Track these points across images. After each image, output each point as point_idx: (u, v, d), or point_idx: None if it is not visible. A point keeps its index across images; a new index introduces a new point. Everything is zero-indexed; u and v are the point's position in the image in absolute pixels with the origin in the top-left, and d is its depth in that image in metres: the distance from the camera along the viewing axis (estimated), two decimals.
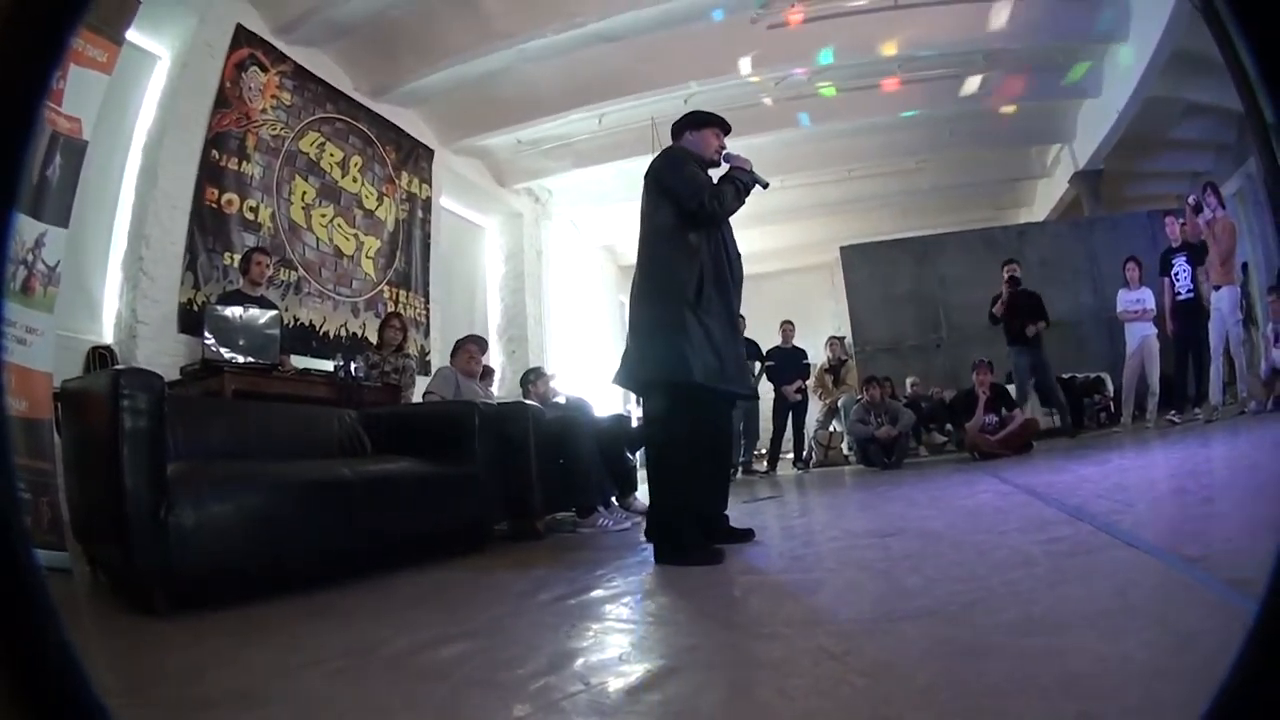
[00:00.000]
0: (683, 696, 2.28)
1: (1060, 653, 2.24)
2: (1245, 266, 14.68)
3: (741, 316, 5.69)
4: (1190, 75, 13.83)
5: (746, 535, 5.38)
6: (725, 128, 5.65)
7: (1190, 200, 11.75)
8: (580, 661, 2.73)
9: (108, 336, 8.56)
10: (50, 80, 1.07)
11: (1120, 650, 2.19)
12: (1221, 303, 10.98)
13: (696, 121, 5.67)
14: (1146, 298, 12.43)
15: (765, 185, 5.51)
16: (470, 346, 8.62)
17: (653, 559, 5.02)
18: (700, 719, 2.11)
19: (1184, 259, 11.90)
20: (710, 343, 5.04)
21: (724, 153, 5.60)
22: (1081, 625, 2.50)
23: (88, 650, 1.05)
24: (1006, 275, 13.24)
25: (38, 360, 5.58)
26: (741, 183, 5.33)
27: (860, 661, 2.39)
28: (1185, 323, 11.80)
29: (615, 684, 2.41)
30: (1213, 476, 6.34)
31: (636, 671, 2.54)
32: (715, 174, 5.50)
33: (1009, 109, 15.63)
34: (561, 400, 9.22)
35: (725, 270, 5.23)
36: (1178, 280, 11.91)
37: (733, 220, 5.51)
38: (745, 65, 13.33)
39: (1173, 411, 11.73)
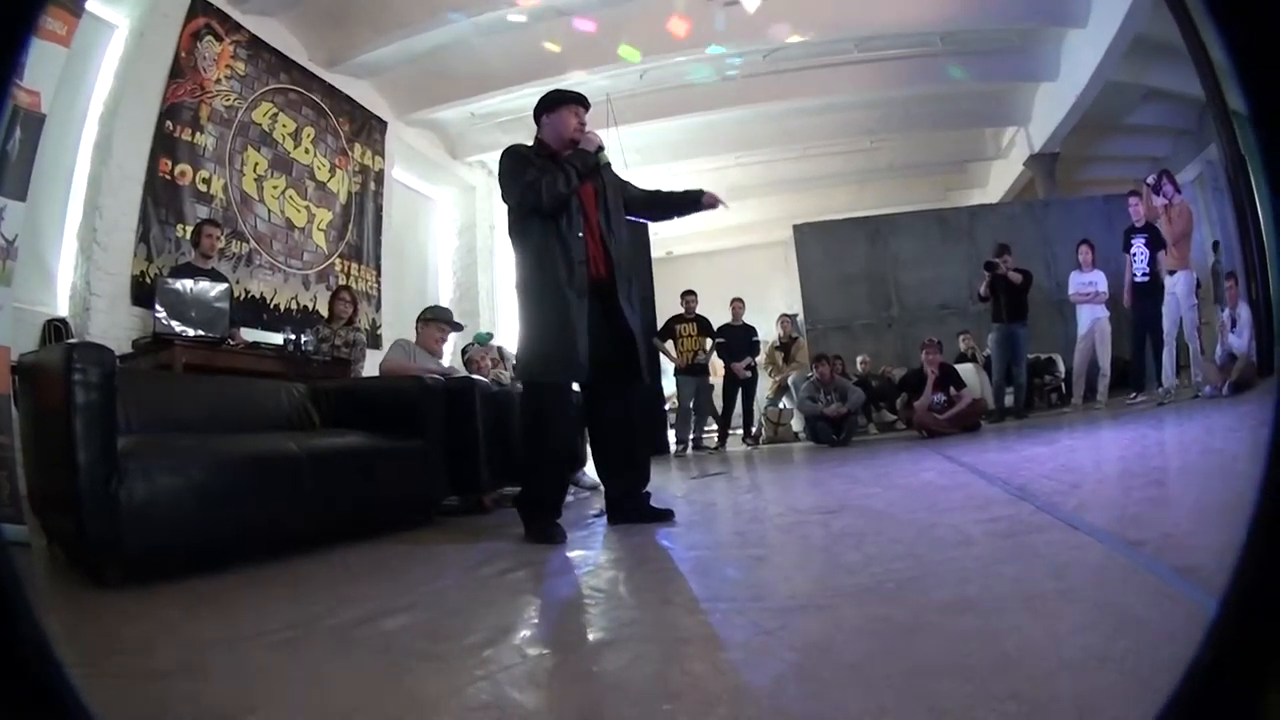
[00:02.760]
0: (616, 670, 2.30)
1: (993, 634, 2.25)
2: (1216, 245, 14.74)
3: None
4: (1151, 60, 13.93)
5: (665, 515, 5.39)
6: (583, 104, 5.61)
7: (1149, 180, 11.74)
8: (519, 635, 2.76)
9: (63, 309, 8.49)
10: (18, 63, 1.07)
11: (1055, 633, 2.21)
12: (1177, 287, 10.97)
13: (550, 102, 5.60)
14: (1099, 280, 12.45)
15: (606, 164, 5.52)
16: (444, 327, 8.43)
17: (599, 533, 5.15)
18: (631, 692, 2.13)
19: (1143, 240, 11.91)
20: (541, 336, 5.19)
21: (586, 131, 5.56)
22: (1017, 606, 2.51)
23: (42, 619, 1.05)
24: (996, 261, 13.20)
25: None
26: (574, 166, 5.27)
27: (793, 638, 2.41)
28: (1141, 304, 11.86)
29: (552, 657, 2.44)
30: (1162, 460, 6.33)
31: (574, 644, 2.56)
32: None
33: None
34: (508, 377, 9.09)
35: (555, 258, 5.17)
36: (1135, 261, 11.94)
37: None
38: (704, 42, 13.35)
39: (1136, 395, 11.78)
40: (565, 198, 5.23)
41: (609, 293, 5.41)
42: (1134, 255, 11.95)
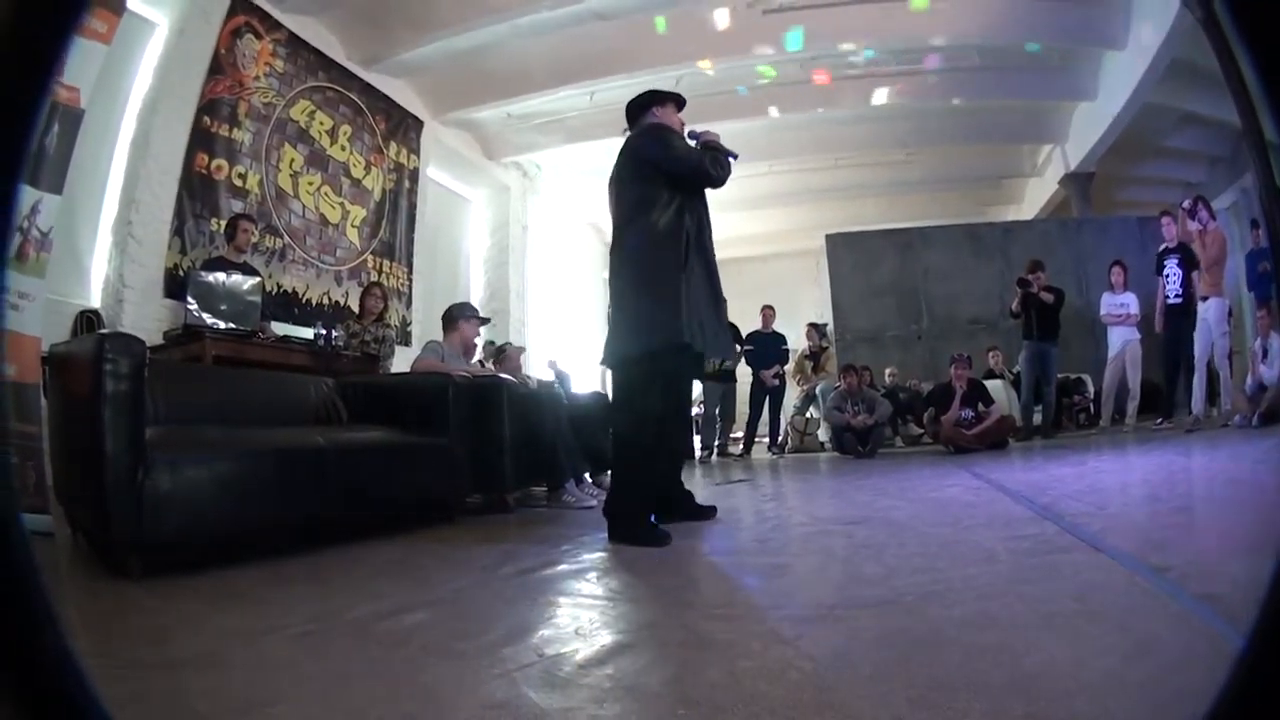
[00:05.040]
0: (633, 672, 2.31)
1: (1013, 652, 2.24)
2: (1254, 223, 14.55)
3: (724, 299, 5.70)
4: (1188, 85, 13.85)
5: (709, 512, 5.48)
6: (682, 104, 5.78)
7: (1184, 205, 11.65)
8: (537, 634, 2.77)
9: (95, 300, 8.53)
10: (61, 60, 1.08)
11: (1075, 654, 2.20)
12: (1209, 313, 10.91)
13: (660, 99, 5.73)
14: (1130, 302, 12.41)
15: (735, 156, 5.57)
16: (475, 324, 8.34)
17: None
18: (647, 695, 2.13)
19: (1175, 261, 11.87)
20: (695, 308, 5.12)
21: (688, 129, 5.69)
22: (1038, 626, 2.50)
23: (63, 613, 1.04)
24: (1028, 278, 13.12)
25: (28, 325, 5.57)
26: (723, 152, 5.41)
27: (811, 647, 2.41)
28: (1172, 326, 11.83)
29: (569, 657, 2.44)
30: (1189, 487, 6.31)
31: (591, 646, 2.56)
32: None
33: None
34: (533, 384, 9.04)
35: (707, 239, 5.32)
36: (1168, 283, 11.89)
37: (721, 202, 5.58)
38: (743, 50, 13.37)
39: (1162, 421, 11.77)
40: (729, 175, 5.40)
41: None
42: (1167, 276, 11.91)
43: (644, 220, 5.28)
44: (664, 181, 5.28)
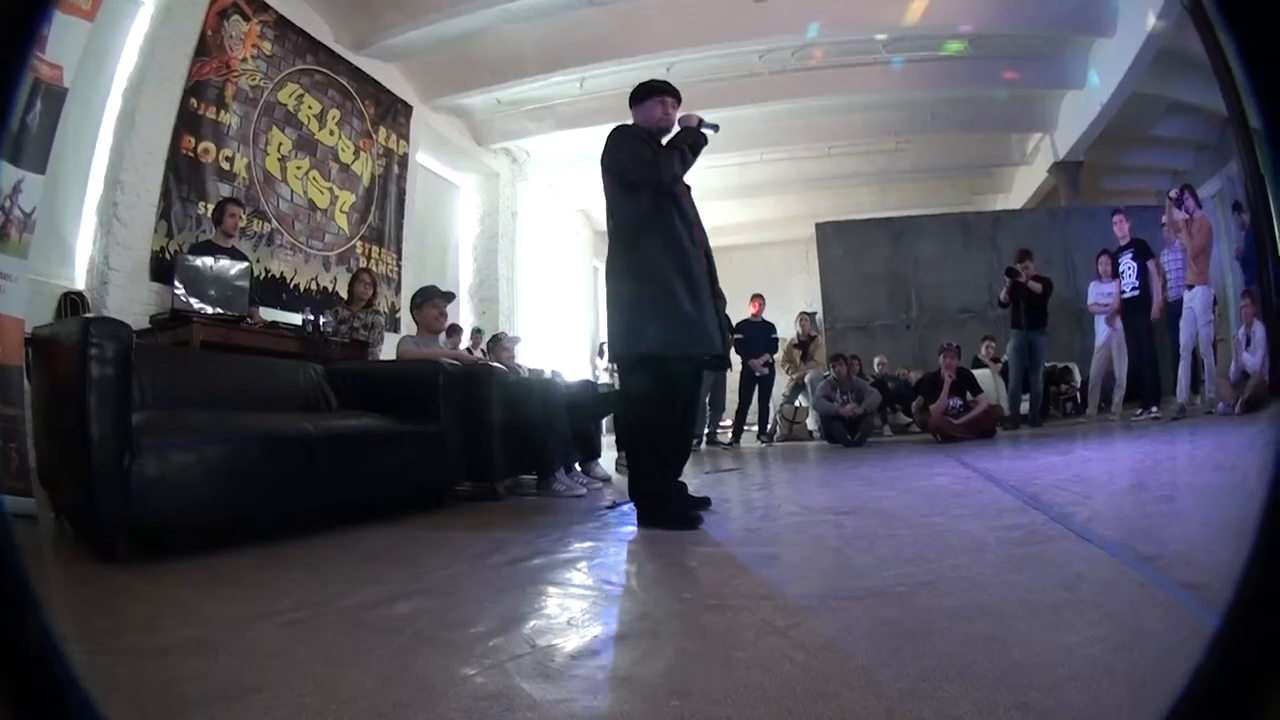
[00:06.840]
0: (626, 663, 2.31)
1: (1003, 641, 2.25)
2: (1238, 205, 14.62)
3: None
4: (1176, 73, 13.87)
5: (703, 504, 5.41)
6: (668, 94, 5.63)
7: (1171, 194, 11.70)
8: (530, 624, 2.76)
9: (80, 282, 8.45)
10: (39, 33, 1.07)
11: (1065, 643, 2.20)
12: (1194, 302, 10.93)
13: (636, 96, 5.68)
14: (1118, 291, 12.44)
15: (715, 129, 5.51)
16: (439, 302, 8.21)
17: (612, 525, 5.14)
18: (641, 686, 2.13)
19: (1130, 256, 12.05)
20: (672, 310, 5.09)
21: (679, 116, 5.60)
22: (1027, 615, 2.51)
23: (48, 598, 1.04)
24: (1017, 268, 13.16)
25: (10, 306, 5.56)
26: (688, 144, 5.33)
27: (803, 637, 2.41)
28: (1128, 320, 11.97)
29: (561, 647, 2.44)
30: (1174, 475, 6.33)
31: (584, 636, 2.56)
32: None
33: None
34: (524, 373, 9.07)
35: (680, 237, 5.23)
36: (1123, 278, 12.05)
37: (712, 190, 5.58)
38: (731, 36, 13.32)
39: (1143, 410, 11.81)
40: (681, 175, 5.31)
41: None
42: (1123, 272, 12.07)
43: (618, 227, 5.41)
44: (628, 187, 5.34)
